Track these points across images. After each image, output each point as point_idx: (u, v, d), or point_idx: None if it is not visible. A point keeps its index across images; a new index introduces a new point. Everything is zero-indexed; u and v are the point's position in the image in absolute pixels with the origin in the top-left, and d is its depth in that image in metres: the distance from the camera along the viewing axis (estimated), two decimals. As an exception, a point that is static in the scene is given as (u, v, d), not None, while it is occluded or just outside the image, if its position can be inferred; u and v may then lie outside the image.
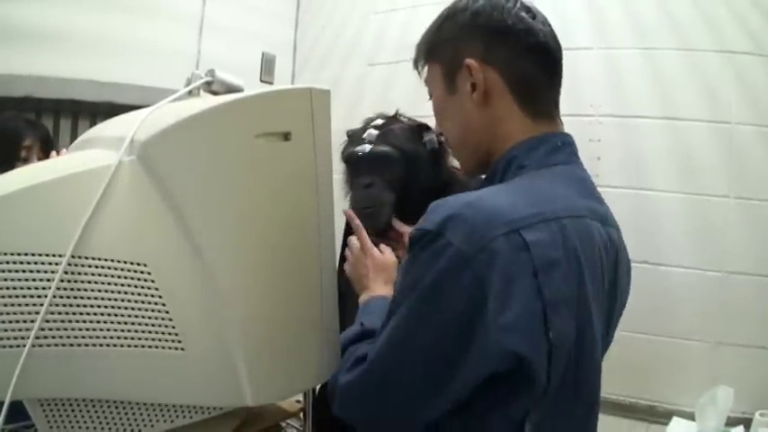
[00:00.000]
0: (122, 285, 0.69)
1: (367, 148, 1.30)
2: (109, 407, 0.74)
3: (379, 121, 1.35)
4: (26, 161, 1.53)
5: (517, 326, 0.67)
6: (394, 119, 1.38)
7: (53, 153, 1.40)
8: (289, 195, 0.80)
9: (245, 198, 0.75)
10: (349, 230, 1.39)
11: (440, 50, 0.87)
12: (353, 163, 1.33)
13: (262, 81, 2.78)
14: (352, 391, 0.78)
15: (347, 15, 2.94)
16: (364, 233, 1.11)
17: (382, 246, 1.12)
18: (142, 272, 0.70)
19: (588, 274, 0.75)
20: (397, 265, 1.07)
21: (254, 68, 2.79)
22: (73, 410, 0.73)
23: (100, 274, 0.68)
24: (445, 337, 0.69)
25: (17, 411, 0.72)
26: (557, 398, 0.73)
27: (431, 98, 0.92)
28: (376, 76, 2.76)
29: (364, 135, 1.32)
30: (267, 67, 2.83)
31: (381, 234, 1.26)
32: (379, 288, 1.02)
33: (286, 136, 0.77)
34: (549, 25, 0.85)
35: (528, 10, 0.83)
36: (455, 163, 1.32)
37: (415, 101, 1.33)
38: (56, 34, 2.03)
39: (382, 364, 0.75)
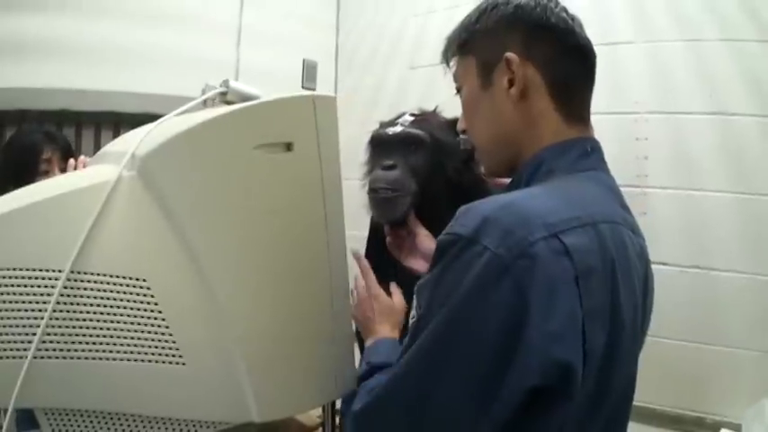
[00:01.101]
0: (121, 300, 0.70)
1: (399, 129, 1.25)
2: (112, 419, 0.73)
3: (417, 111, 1.32)
4: (47, 173, 1.55)
5: (564, 334, 0.64)
6: (432, 113, 1.35)
7: (71, 161, 1.41)
8: (294, 208, 0.78)
9: (245, 211, 0.74)
10: (373, 241, 1.35)
11: (476, 43, 0.84)
12: (380, 143, 1.27)
13: (304, 88, 2.79)
14: (364, 419, 0.74)
15: (387, 19, 2.92)
16: (371, 275, 1.05)
17: (392, 287, 1.06)
18: (141, 287, 0.70)
19: (622, 283, 0.71)
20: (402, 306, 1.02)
21: (296, 76, 2.80)
22: (77, 420, 0.73)
23: (99, 289, 0.69)
24: (485, 351, 0.64)
25: (30, 418, 0.74)
26: (578, 410, 0.69)
27: (458, 93, 0.89)
28: (418, 79, 2.73)
29: (399, 119, 1.28)
30: (309, 74, 2.84)
31: (394, 228, 1.21)
32: (385, 332, 0.97)
33: (288, 146, 0.76)
34: (584, 30, 0.83)
35: (566, 12, 0.82)
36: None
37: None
38: (93, 47, 2.08)
39: (405, 386, 0.70)
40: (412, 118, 1.27)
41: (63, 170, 1.55)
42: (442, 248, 0.69)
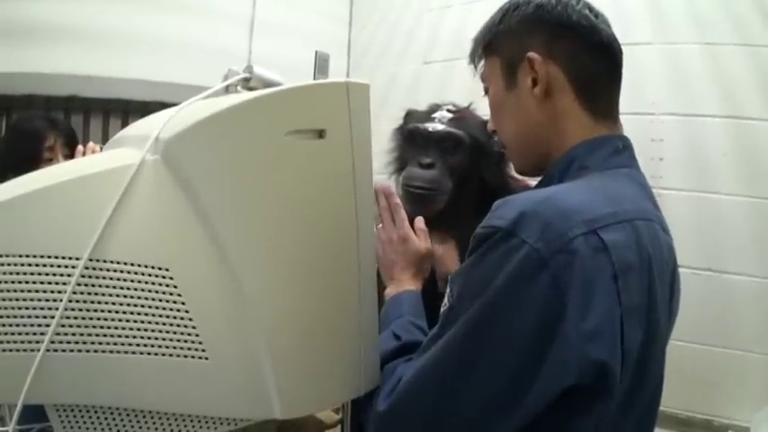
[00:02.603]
0: (142, 291, 0.66)
1: (439, 126, 1.24)
2: (128, 416, 0.70)
3: (452, 107, 1.30)
4: (50, 161, 1.50)
5: (601, 333, 0.63)
6: (468, 110, 1.33)
7: (79, 148, 1.36)
8: (324, 197, 0.75)
9: (274, 199, 0.71)
10: None
11: (500, 44, 0.85)
12: (420, 139, 1.26)
13: (315, 80, 2.77)
14: (392, 419, 0.72)
15: (401, 13, 2.90)
16: (402, 213, 1.03)
17: (417, 226, 1.03)
18: (164, 277, 0.67)
19: (658, 281, 0.71)
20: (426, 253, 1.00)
21: (308, 68, 2.76)
22: (90, 417, 0.69)
23: (119, 279, 0.65)
24: (518, 347, 0.64)
25: (41, 412, 0.70)
26: (614, 409, 0.68)
27: (486, 94, 0.89)
28: (432, 75, 2.71)
29: (435, 114, 1.27)
30: (321, 67, 2.80)
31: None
32: (407, 281, 0.97)
33: (320, 133, 0.73)
34: (610, 27, 0.83)
35: (590, 9, 0.82)
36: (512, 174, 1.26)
37: (471, 99, 1.30)
38: (102, 33, 2.06)
39: (434, 379, 0.68)
40: (450, 114, 1.26)
41: (67, 157, 1.51)
42: (479, 240, 0.68)
